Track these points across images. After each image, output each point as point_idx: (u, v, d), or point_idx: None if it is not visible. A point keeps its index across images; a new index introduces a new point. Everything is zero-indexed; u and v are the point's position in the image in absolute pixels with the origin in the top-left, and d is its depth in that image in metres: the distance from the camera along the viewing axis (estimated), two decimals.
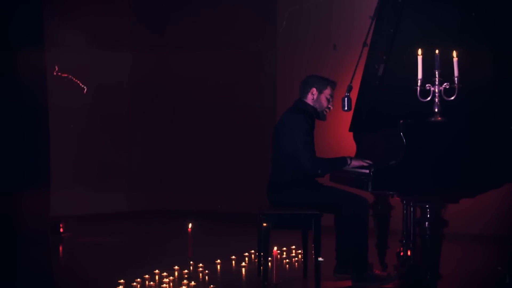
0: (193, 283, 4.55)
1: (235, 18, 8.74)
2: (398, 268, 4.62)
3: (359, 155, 5.07)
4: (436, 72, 3.94)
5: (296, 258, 5.67)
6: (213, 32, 8.87)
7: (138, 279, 4.60)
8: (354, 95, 4.95)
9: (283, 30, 8.00)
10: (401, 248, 4.70)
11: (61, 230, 6.76)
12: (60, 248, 6.48)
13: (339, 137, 6.72)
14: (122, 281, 4.49)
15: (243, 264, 5.39)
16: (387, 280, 4.52)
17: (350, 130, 5.25)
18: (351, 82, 4.87)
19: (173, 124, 9.27)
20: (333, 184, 4.93)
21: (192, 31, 9.06)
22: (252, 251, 5.68)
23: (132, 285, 4.48)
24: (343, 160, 4.53)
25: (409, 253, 4.51)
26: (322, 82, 4.76)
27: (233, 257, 5.58)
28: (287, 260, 5.64)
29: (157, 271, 4.86)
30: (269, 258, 5.55)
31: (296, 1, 7.95)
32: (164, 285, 4.53)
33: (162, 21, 9.28)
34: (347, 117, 5.31)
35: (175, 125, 9.25)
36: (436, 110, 3.93)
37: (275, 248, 3.80)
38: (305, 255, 4.99)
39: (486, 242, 6.54)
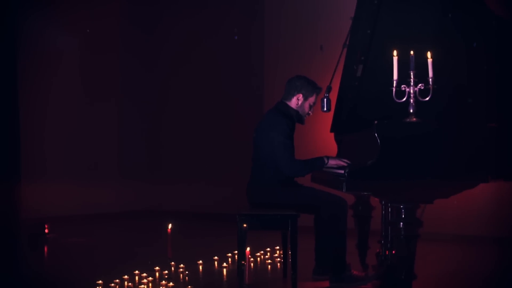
0: (171, 283, 4.56)
1: (222, 18, 8.77)
2: (377, 269, 4.62)
3: (340, 156, 5.08)
4: (411, 73, 3.94)
5: (279, 259, 5.68)
6: (201, 31, 8.91)
7: (117, 280, 4.62)
8: (334, 96, 4.97)
9: (271, 30, 8.03)
10: (381, 249, 4.70)
11: (46, 231, 6.76)
12: (45, 249, 6.49)
13: (320, 138, 6.74)
14: (100, 281, 4.50)
15: (225, 264, 5.41)
16: (365, 281, 4.53)
17: (331, 131, 5.26)
18: (330, 83, 4.89)
19: (163, 124, 9.31)
20: (314, 185, 4.94)
21: (180, 32, 9.10)
22: (236, 251, 5.69)
23: (110, 286, 4.49)
24: (320, 160, 4.54)
25: (387, 253, 4.51)
26: (310, 89, 4.72)
27: (216, 257, 5.59)
28: (270, 261, 5.66)
29: (137, 271, 4.88)
30: (251, 258, 5.58)
31: (283, 1, 7.97)
32: (142, 286, 4.54)
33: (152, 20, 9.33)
34: (329, 118, 5.33)
35: (166, 125, 9.29)
36: (411, 110, 3.94)
37: (248, 248, 3.80)
38: (284, 255, 5.00)
39: (465, 242, 6.57)
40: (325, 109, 4.80)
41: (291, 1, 7.92)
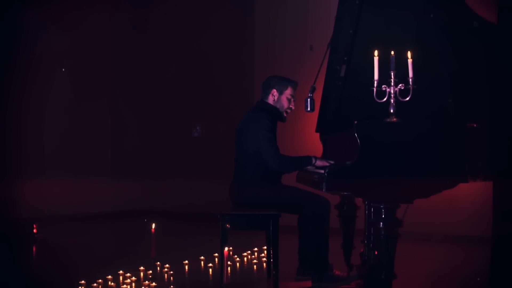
0: (153, 283, 4.56)
1: (212, 18, 8.79)
2: (359, 268, 4.63)
3: (325, 156, 5.09)
4: (392, 73, 3.94)
5: (265, 259, 5.68)
6: (191, 31, 8.92)
7: (100, 280, 4.62)
8: (318, 95, 4.97)
9: (261, 30, 8.03)
10: (365, 248, 4.71)
11: (35, 231, 6.76)
12: (34, 249, 6.50)
13: (306, 138, 6.74)
14: (83, 281, 4.51)
15: (210, 264, 5.41)
16: (347, 281, 4.53)
17: (316, 131, 5.26)
18: (314, 83, 4.89)
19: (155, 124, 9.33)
20: (299, 185, 4.94)
21: (171, 32, 9.11)
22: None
23: (93, 286, 4.49)
24: (308, 159, 4.54)
25: (369, 253, 4.51)
26: (283, 83, 4.77)
27: (202, 257, 5.60)
28: (256, 261, 5.67)
29: (121, 271, 4.88)
30: (237, 258, 5.58)
31: (273, 2, 7.98)
32: (124, 285, 4.54)
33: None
34: (315, 118, 5.33)
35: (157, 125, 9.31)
36: (391, 111, 3.95)
37: (226, 248, 3.80)
38: (268, 255, 5.00)
39: (452, 242, 6.58)
40: (308, 109, 4.80)
41: (281, 1, 7.92)
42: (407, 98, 3.89)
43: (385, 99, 3.95)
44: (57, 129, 8.47)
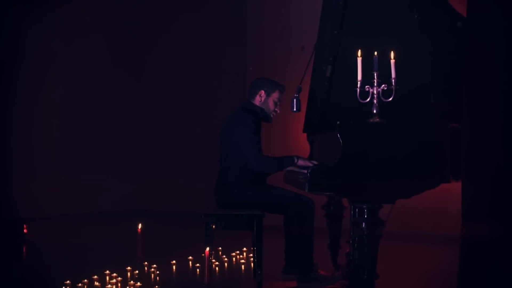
0: (138, 284, 4.57)
1: (201, 17, 8.83)
2: (344, 269, 4.64)
3: (312, 156, 5.10)
4: (375, 74, 3.96)
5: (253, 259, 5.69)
6: (182, 31, 8.95)
7: (85, 280, 4.62)
8: (304, 96, 4.98)
9: (252, 31, 8.04)
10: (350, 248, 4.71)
11: (25, 231, 6.77)
12: (23, 249, 6.51)
13: (294, 139, 6.75)
14: (68, 282, 4.51)
15: (198, 264, 5.42)
16: (331, 281, 4.54)
17: (303, 131, 5.27)
18: (300, 83, 4.89)
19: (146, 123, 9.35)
20: (286, 185, 4.95)
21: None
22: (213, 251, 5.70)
23: (78, 286, 4.50)
24: (290, 159, 4.55)
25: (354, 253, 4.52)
26: (271, 86, 4.79)
27: (190, 257, 5.60)
28: (243, 261, 5.68)
29: (107, 271, 4.88)
30: (225, 258, 5.60)
31: (265, 1, 7.99)
32: (109, 285, 4.55)
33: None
34: (302, 118, 5.34)
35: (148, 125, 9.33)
36: (374, 111, 3.96)
37: (208, 248, 3.81)
38: (254, 255, 5.00)
39: (435, 242, 6.57)
40: (294, 109, 4.81)
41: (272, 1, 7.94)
42: (390, 99, 3.91)
43: (368, 99, 3.97)
44: (51, 130, 8.49)
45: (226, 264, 5.56)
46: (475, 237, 4.11)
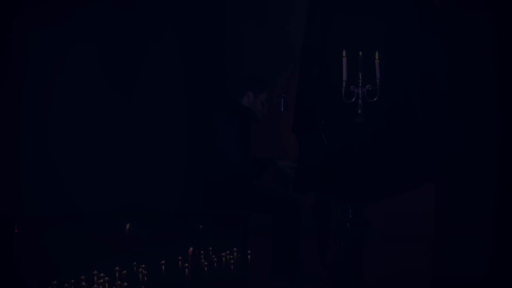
0: (125, 283, 4.58)
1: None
2: (331, 268, 4.64)
3: (301, 156, 5.09)
4: (360, 74, 3.98)
5: None
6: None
7: (72, 280, 4.63)
8: (292, 96, 4.99)
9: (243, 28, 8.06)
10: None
11: (16, 231, 6.74)
12: (13, 250, 6.48)
13: (284, 139, 6.75)
14: (55, 282, 4.52)
15: (186, 264, 5.42)
16: (318, 280, 4.55)
17: (292, 131, 5.28)
18: (287, 83, 4.90)
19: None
20: (276, 186, 4.96)
21: None
22: (202, 251, 5.70)
23: (65, 286, 4.51)
24: (270, 160, 4.58)
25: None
26: (259, 87, 4.79)
27: (180, 257, 5.60)
28: (233, 261, 5.68)
29: (95, 271, 4.89)
30: (215, 258, 5.60)
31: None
32: (96, 285, 4.55)
33: None
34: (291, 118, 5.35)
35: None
36: (359, 111, 3.97)
37: (191, 248, 3.82)
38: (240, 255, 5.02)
39: (420, 241, 6.56)
40: (282, 109, 4.82)
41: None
42: (375, 99, 3.92)
43: (353, 99, 3.98)
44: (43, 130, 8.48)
45: (215, 264, 5.56)
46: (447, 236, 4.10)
